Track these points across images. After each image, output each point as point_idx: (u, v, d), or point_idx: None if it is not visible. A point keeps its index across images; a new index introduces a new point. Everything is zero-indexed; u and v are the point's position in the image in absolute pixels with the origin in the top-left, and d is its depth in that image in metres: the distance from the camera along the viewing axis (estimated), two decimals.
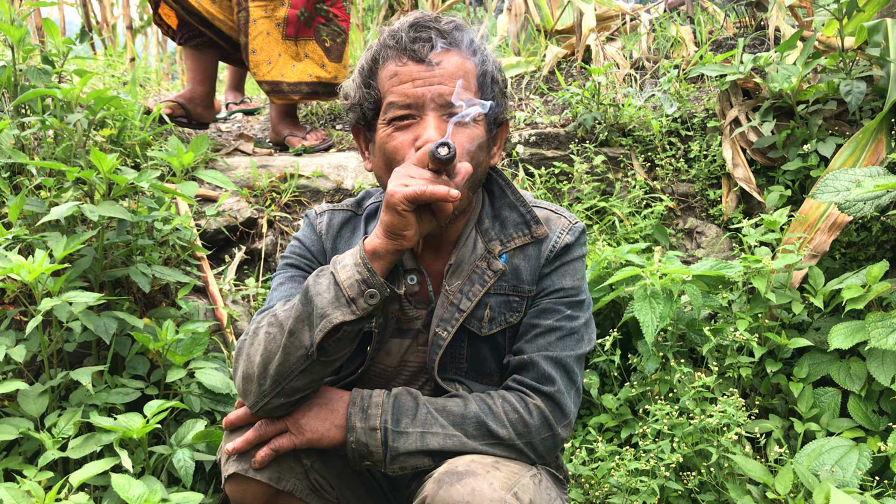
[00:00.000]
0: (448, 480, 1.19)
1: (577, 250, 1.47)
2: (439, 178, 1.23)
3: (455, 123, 1.30)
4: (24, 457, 1.89)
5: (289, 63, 3.26)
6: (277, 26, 3.20)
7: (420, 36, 1.34)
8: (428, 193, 1.19)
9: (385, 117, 1.37)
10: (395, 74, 1.35)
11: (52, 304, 1.83)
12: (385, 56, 1.37)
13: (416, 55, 1.33)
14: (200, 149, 2.26)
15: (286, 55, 3.25)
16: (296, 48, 3.27)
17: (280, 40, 3.23)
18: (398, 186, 1.21)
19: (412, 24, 1.36)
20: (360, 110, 1.43)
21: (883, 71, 2.81)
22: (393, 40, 1.36)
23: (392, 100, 1.35)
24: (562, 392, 1.36)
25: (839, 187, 2.36)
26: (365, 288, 1.25)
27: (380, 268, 1.27)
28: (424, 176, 1.22)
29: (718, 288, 2.42)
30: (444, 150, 1.21)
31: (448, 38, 1.35)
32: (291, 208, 2.97)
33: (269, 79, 3.24)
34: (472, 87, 1.36)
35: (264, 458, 1.34)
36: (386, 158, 1.37)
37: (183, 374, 2.01)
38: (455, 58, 1.35)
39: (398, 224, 1.23)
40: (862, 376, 2.19)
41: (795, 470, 1.90)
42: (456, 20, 1.40)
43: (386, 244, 1.26)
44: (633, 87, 3.64)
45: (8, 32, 2.28)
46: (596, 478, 2.07)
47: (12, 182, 2.34)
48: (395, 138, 1.35)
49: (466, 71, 1.36)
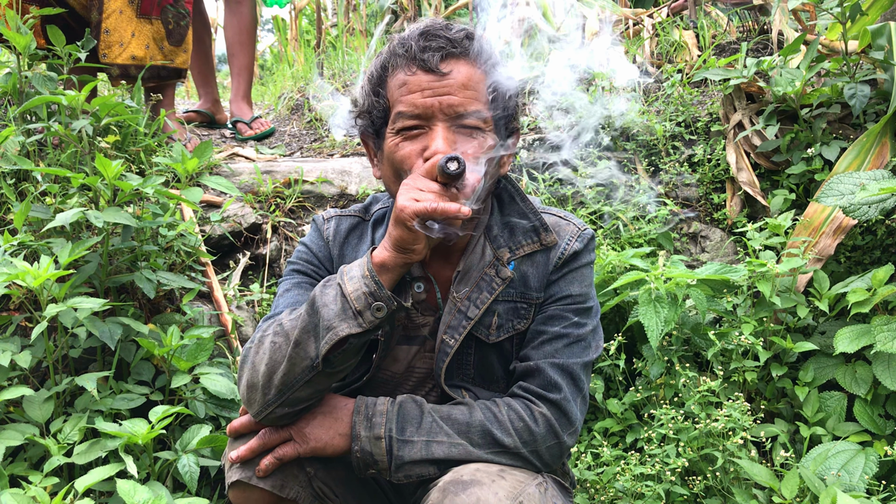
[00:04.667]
0: (453, 490, 1.19)
1: (586, 257, 1.46)
2: (448, 192, 1.21)
3: (462, 134, 1.30)
4: (30, 463, 1.89)
5: (142, 44, 3.06)
6: (131, 3, 3.02)
7: (430, 45, 1.33)
8: (439, 210, 1.18)
9: (394, 126, 1.36)
10: (404, 84, 1.34)
11: (58, 310, 1.83)
12: (395, 64, 1.36)
13: (426, 64, 1.32)
14: (205, 155, 2.26)
15: (140, 35, 3.06)
16: (150, 26, 3.08)
17: (134, 18, 3.03)
18: (408, 201, 1.20)
19: (422, 32, 1.35)
20: (368, 118, 1.42)
21: (887, 74, 2.81)
22: (402, 48, 1.35)
23: (401, 109, 1.34)
24: (568, 400, 1.36)
25: (844, 191, 2.35)
26: (372, 301, 1.24)
27: (387, 280, 1.26)
28: (434, 189, 1.21)
29: (723, 292, 2.41)
30: (453, 164, 1.19)
31: (458, 47, 1.34)
32: (296, 214, 2.97)
33: (121, 62, 3.03)
34: (481, 96, 1.35)
35: (268, 467, 1.34)
36: (394, 168, 1.37)
37: (188, 379, 2.01)
38: (465, 67, 1.34)
39: (408, 239, 1.23)
40: (868, 380, 2.18)
41: (801, 474, 1.90)
42: (467, 28, 1.38)
43: (395, 257, 1.25)
44: (636, 91, 3.64)
45: (14, 40, 2.29)
46: (601, 482, 2.06)
47: (17, 188, 2.35)
48: (404, 148, 1.34)
49: (477, 80, 1.35)
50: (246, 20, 3.93)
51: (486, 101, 1.35)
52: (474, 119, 1.33)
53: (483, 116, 1.34)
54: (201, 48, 3.99)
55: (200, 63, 4.08)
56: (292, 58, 6.17)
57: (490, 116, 1.36)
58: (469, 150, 1.31)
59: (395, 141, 1.35)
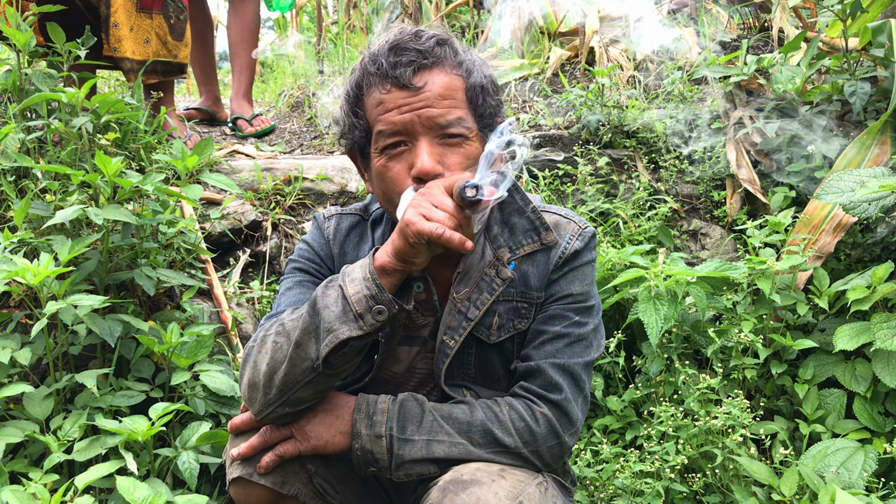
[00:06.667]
0: (453, 489, 1.19)
1: (587, 255, 1.45)
2: (461, 214, 1.19)
3: (447, 145, 1.28)
4: (30, 459, 1.89)
5: (142, 39, 3.06)
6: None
7: (400, 60, 1.29)
8: (444, 238, 1.16)
9: (377, 146, 1.33)
10: (380, 103, 1.31)
11: (58, 307, 1.84)
12: (368, 83, 1.34)
13: (399, 81, 1.29)
14: (205, 152, 2.26)
15: (139, 29, 3.04)
16: (150, 21, 3.07)
17: (134, 13, 3.03)
18: (416, 217, 1.18)
19: (391, 46, 1.30)
20: (351, 139, 1.40)
21: (887, 71, 2.80)
22: (374, 66, 1.31)
23: (381, 128, 1.31)
24: (569, 400, 1.35)
25: (844, 188, 2.35)
26: (373, 304, 1.23)
27: (388, 284, 1.25)
28: (448, 208, 1.18)
29: (723, 289, 2.41)
30: (471, 191, 1.17)
31: (430, 57, 1.30)
32: (296, 211, 2.97)
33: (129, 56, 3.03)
34: (461, 103, 1.32)
35: (269, 464, 1.35)
36: (385, 189, 1.34)
37: (188, 376, 2.01)
38: (440, 76, 1.31)
39: (409, 252, 1.21)
40: (867, 377, 2.18)
41: (801, 471, 1.90)
42: (438, 34, 1.34)
43: (395, 264, 1.24)
44: (636, 88, 3.64)
45: (13, 37, 2.29)
46: (601, 480, 2.07)
47: (17, 186, 2.35)
48: (391, 168, 1.31)
49: (454, 87, 1.31)
50: (249, 19, 3.94)
51: (467, 106, 1.33)
52: (458, 128, 1.30)
53: (466, 124, 1.31)
54: (204, 46, 3.99)
55: (202, 61, 4.08)
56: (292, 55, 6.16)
57: (474, 121, 1.33)
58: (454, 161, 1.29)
59: (381, 161, 1.33)
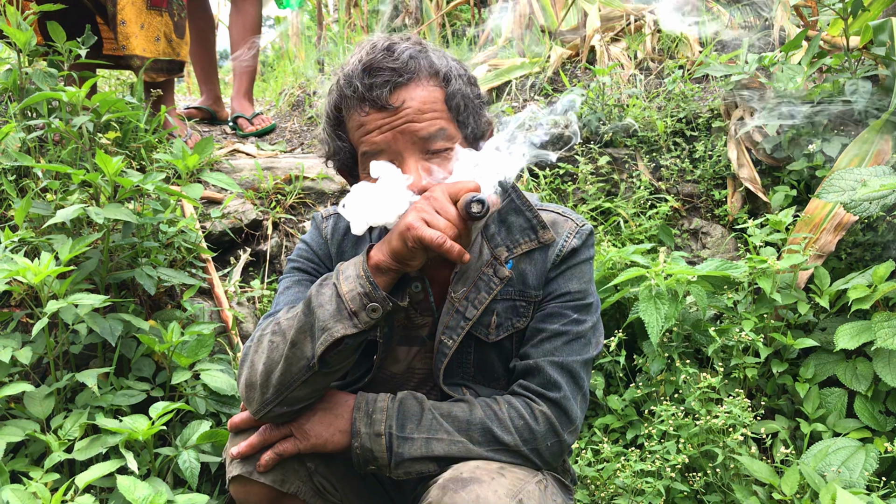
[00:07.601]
0: (453, 487, 1.19)
1: (585, 253, 1.45)
2: (462, 224, 1.19)
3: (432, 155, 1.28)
4: (31, 459, 1.89)
5: (152, 36, 3.03)
6: None
7: (375, 81, 1.28)
8: (445, 248, 1.16)
9: (364, 167, 1.33)
10: (361, 125, 1.31)
11: (58, 306, 1.84)
12: (347, 105, 1.33)
13: (377, 103, 1.28)
14: (205, 151, 2.26)
15: (149, 27, 3.02)
16: (161, 19, 3.06)
17: (144, 10, 3.01)
18: (418, 222, 1.18)
19: (364, 68, 1.29)
20: (338, 160, 1.41)
21: (888, 70, 2.80)
22: (350, 89, 1.31)
23: (365, 150, 1.32)
24: (568, 398, 1.35)
25: (845, 187, 2.35)
26: (367, 301, 1.23)
27: (383, 282, 1.25)
28: (450, 216, 1.18)
29: (724, 288, 2.41)
30: (477, 206, 1.17)
31: (405, 74, 1.29)
32: (296, 210, 2.97)
33: (140, 53, 3.01)
34: (442, 113, 1.31)
35: (269, 462, 1.35)
36: None
37: (188, 375, 2.02)
38: (417, 91, 1.30)
39: (405, 255, 1.22)
40: (868, 377, 2.18)
41: (802, 471, 1.90)
42: (410, 46, 1.32)
43: (390, 263, 1.24)
44: (637, 87, 3.64)
45: (14, 36, 2.29)
46: (602, 479, 2.07)
47: (18, 185, 2.35)
48: None
49: (433, 99, 1.31)
50: (251, 19, 3.94)
51: (448, 115, 1.32)
52: (441, 140, 1.30)
53: (449, 134, 1.31)
54: (205, 45, 3.99)
55: (204, 60, 4.09)
56: (293, 54, 6.17)
57: (456, 127, 1.33)
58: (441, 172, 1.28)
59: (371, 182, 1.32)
